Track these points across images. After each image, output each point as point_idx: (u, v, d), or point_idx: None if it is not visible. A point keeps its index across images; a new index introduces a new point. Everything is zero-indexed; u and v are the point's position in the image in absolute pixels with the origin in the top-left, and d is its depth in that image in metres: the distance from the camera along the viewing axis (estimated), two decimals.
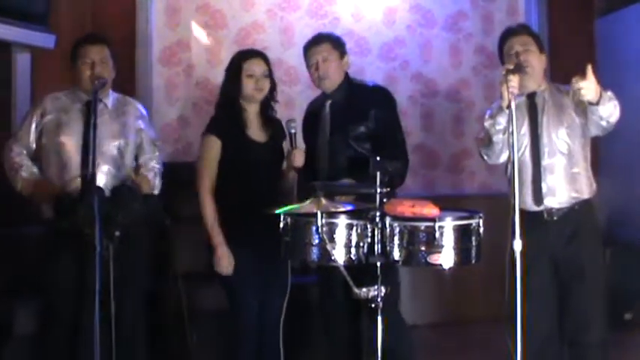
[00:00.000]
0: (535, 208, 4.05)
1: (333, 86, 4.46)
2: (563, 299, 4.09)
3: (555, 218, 4.05)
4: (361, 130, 4.32)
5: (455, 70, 7.26)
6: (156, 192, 4.39)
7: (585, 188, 4.10)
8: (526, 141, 4.07)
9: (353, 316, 4.24)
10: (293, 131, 4.21)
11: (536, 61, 4.09)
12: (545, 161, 4.06)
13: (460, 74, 7.23)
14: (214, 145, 4.25)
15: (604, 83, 3.81)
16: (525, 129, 4.09)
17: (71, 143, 4.14)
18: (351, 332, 4.33)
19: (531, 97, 4.12)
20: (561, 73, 4.18)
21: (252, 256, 4.16)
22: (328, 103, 4.46)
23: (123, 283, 3.91)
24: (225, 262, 4.17)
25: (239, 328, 4.20)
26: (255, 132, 4.32)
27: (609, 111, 3.82)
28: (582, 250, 4.03)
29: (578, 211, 4.06)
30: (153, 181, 4.36)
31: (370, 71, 7.04)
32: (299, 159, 4.19)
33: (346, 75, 4.52)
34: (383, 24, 7.12)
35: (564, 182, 4.06)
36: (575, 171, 4.07)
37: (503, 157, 4.16)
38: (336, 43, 4.52)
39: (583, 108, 3.97)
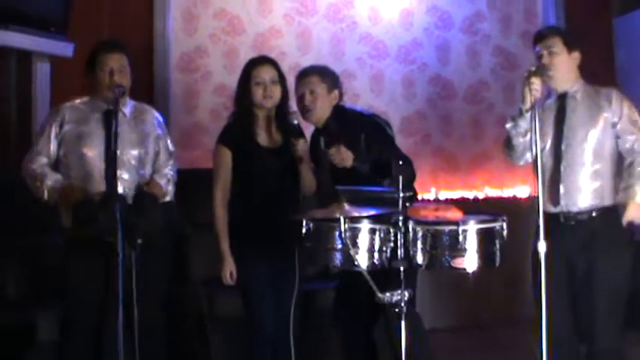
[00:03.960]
0: (552, 210, 3.99)
1: (320, 120, 4.38)
2: (576, 309, 4.04)
3: (573, 223, 3.98)
4: (357, 164, 4.17)
5: (473, 71, 7.24)
6: (168, 199, 4.35)
7: (608, 195, 4.02)
8: (549, 141, 4.04)
9: (369, 326, 4.23)
10: (295, 122, 4.21)
11: (562, 62, 4.05)
12: (568, 163, 4.00)
13: (479, 76, 7.21)
14: (224, 155, 4.25)
15: (623, 83, 3.79)
16: (550, 129, 4.06)
17: (94, 154, 4.11)
18: (366, 339, 4.32)
19: (562, 97, 4.08)
20: (581, 74, 4.13)
21: (264, 264, 4.15)
22: (322, 139, 4.39)
23: (144, 290, 3.90)
24: (226, 271, 4.18)
25: (255, 335, 4.18)
26: (266, 139, 4.29)
27: None
28: (598, 259, 3.93)
29: (598, 218, 3.98)
30: (165, 188, 4.33)
31: (388, 74, 7.04)
32: (302, 149, 4.17)
33: (336, 108, 4.41)
34: (400, 26, 7.12)
35: (586, 186, 3.99)
36: (599, 175, 4.00)
37: (526, 159, 4.14)
38: (325, 76, 4.44)
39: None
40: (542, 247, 3.38)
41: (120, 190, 3.99)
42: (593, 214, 3.98)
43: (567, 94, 4.08)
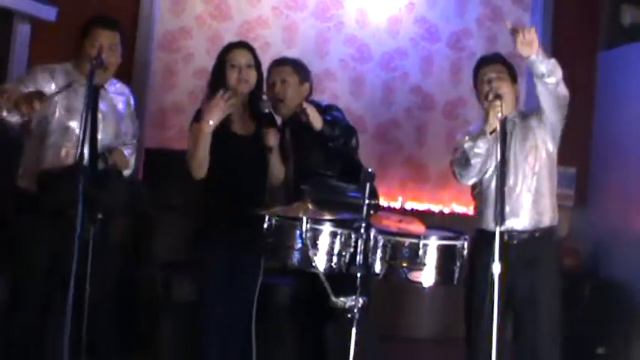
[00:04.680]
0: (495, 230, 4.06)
1: (289, 111, 4.33)
2: (515, 326, 4.15)
3: (515, 242, 4.07)
4: (319, 155, 4.23)
5: (454, 87, 7.24)
6: (129, 172, 4.31)
7: (548, 214, 4.16)
8: (494, 163, 4.10)
9: (322, 324, 4.24)
10: (267, 111, 4.20)
11: (508, 90, 4.15)
12: (510, 184, 4.11)
13: (459, 92, 7.20)
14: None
15: (601, 116, 3.85)
16: (494, 152, 4.11)
17: (78, 128, 3.96)
18: (318, 338, 4.32)
19: (503, 122, 4.13)
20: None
21: (227, 252, 4.12)
22: (287, 131, 4.38)
23: (98, 266, 3.83)
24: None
25: (204, 321, 4.17)
26: (240, 126, 4.25)
27: (549, 68, 3.89)
28: (539, 279, 4.08)
29: (539, 239, 4.12)
30: (129, 157, 4.30)
31: (370, 78, 7.04)
32: (272, 138, 4.15)
33: (305, 100, 4.34)
34: (386, 33, 7.11)
35: (527, 206, 4.11)
36: (539, 196, 4.13)
37: (476, 179, 4.21)
38: (298, 67, 4.43)
39: (543, 118, 4.11)
40: (496, 268, 3.41)
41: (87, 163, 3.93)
42: (536, 234, 4.12)
43: (507, 119, 4.16)
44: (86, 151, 3.92)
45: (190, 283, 4.41)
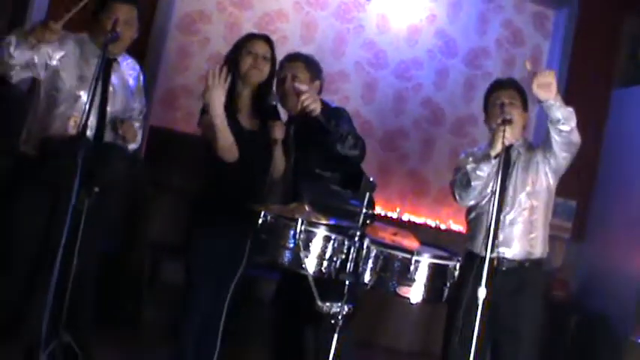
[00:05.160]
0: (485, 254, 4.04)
1: (295, 108, 4.17)
2: (494, 351, 4.15)
3: (504, 269, 4.08)
4: (321, 156, 4.17)
5: (466, 104, 7.23)
6: (135, 146, 4.29)
7: (540, 247, 4.17)
8: (498, 185, 4.09)
9: (302, 324, 4.23)
10: (274, 103, 4.17)
11: (519, 117, 4.13)
12: (507, 212, 4.11)
13: (470, 110, 7.18)
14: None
15: (608, 153, 3.84)
16: (494, 178, 4.10)
17: (84, 98, 3.99)
18: (296, 337, 4.31)
19: (507, 149, 4.12)
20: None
21: (224, 243, 4.10)
22: (292, 129, 4.32)
23: (86, 240, 3.84)
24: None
25: (187, 305, 4.15)
26: (246, 119, 4.22)
27: (565, 115, 3.85)
28: (522, 307, 4.09)
29: (528, 268, 4.12)
30: (138, 132, 4.28)
31: (382, 85, 7.02)
32: (278, 131, 4.12)
33: None
34: (405, 42, 7.10)
35: (521, 236, 4.11)
36: (534, 226, 4.13)
37: (474, 202, 4.20)
38: (310, 64, 4.37)
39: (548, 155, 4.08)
40: (482, 292, 3.39)
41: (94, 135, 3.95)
42: (526, 264, 4.12)
43: (512, 147, 4.16)
44: (93, 121, 3.93)
45: (179, 265, 4.38)
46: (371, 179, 3.40)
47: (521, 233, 4.10)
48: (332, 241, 3.35)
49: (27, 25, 5.24)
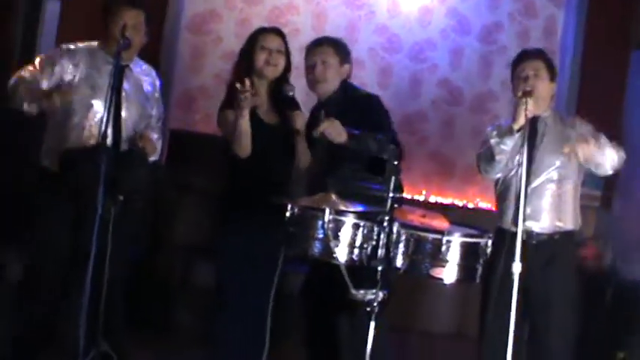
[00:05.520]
0: (514, 229, 4.00)
1: (327, 93, 4.28)
2: (529, 326, 4.11)
3: (534, 242, 4.03)
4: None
5: (483, 81, 7.18)
6: (155, 157, 4.27)
7: (570, 219, 4.13)
8: (518, 162, 4.05)
9: (334, 315, 4.21)
10: (291, 94, 4.12)
11: (544, 88, 4.10)
12: (534, 185, 4.06)
13: (488, 86, 7.14)
14: (231, 115, 4.07)
15: (631, 116, 3.80)
16: (522, 150, 4.05)
17: (100, 107, 4.00)
18: (329, 329, 4.30)
19: (533, 121, 4.08)
20: (590, 99, 4.13)
21: (250, 240, 4.08)
22: (322, 112, 4.21)
23: (115, 248, 3.84)
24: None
25: (220, 306, 4.14)
26: (265, 113, 4.19)
27: (610, 158, 3.96)
28: (554, 281, 4.04)
29: (558, 241, 4.08)
30: (157, 143, 4.26)
31: (398, 69, 6.98)
32: (299, 121, 4.08)
33: (343, 83, 4.34)
34: (417, 23, 7.05)
35: (549, 209, 4.07)
36: (563, 200, 4.09)
37: (499, 176, 4.18)
38: (339, 48, 4.36)
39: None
40: (516, 267, 3.41)
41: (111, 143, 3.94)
42: (555, 236, 4.07)
43: (539, 118, 4.13)
44: (110, 130, 3.92)
45: (210, 267, 4.38)
46: (395, 163, 3.38)
47: (550, 206, 4.06)
48: (361, 228, 3.34)
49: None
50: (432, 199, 6.88)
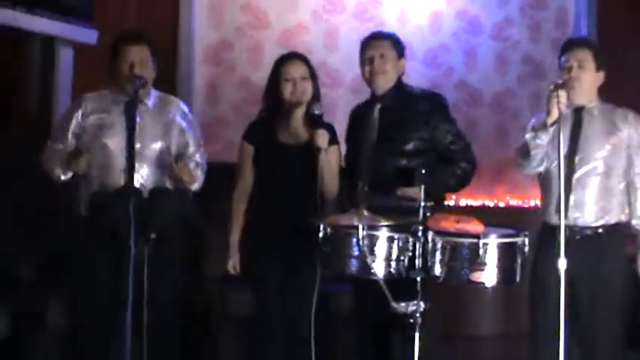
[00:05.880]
0: (558, 222, 3.94)
1: (386, 86, 4.28)
2: (577, 322, 3.98)
3: (578, 237, 3.93)
4: (411, 146, 4.17)
5: (500, 79, 7.15)
6: (196, 186, 4.28)
7: (615, 212, 3.99)
8: (563, 153, 3.98)
9: (386, 332, 4.16)
10: (317, 112, 4.14)
11: (588, 78, 4.00)
12: (578, 175, 3.97)
13: (506, 83, 7.12)
14: (247, 151, 4.26)
15: None
16: (565, 141, 3.99)
17: (115, 145, 4.06)
18: (383, 347, 4.25)
19: (578, 111, 4.03)
20: (605, 88, 4.07)
21: (280, 263, 4.09)
22: (377, 107, 4.29)
23: (157, 283, 3.87)
24: (230, 264, 4.28)
25: (260, 334, 4.17)
26: (290, 135, 4.23)
27: None
28: (601, 277, 3.92)
29: (603, 234, 3.96)
30: (195, 172, 4.24)
31: (414, 77, 6.90)
32: (321, 140, 4.08)
33: (399, 80, 4.36)
34: (428, 29, 7.03)
35: (594, 200, 3.96)
36: (608, 192, 3.97)
37: (539, 169, 4.09)
38: (396, 42, 4.37)
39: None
40: (562, 264, 3.31)
41: (139, 182, 3.97)
42: (599, 230, 3.95)
43: (584, 109, 4.04)
44: (123, 162, 3.98)
45: (248, 295, 4.37)
46: (423, 171, 3.36)
47: (596, 198, 3.95)
48: (396, 241, 3.32)
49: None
50: (462, 202, 6.83)
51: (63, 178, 4.10)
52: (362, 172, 4.17)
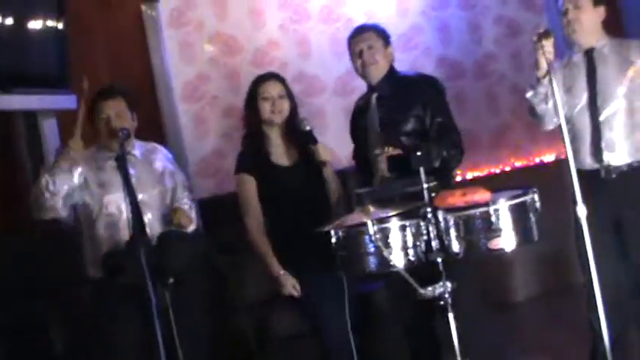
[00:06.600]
0: (594, 166, 3.94)
1: (379, 75, 4.34)
2: (630, 260, 3.97)
3: (614, 176, 3.91)
4: (410, 125, 4.23)
5: (477, 46, 7.13)
6: (193, 227, 4.30)
7: None
8: (584, 97, 3.95)
9: (429, 318, 4.14)
10: (308, 128, 4.19)
11: (588, 17, 3.94)
12: (604, 117, 3.93)
13: (483, 49, 7.10)
14: (248, 183, 4.28)
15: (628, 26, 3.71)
16: (583, 85, 3.98)
17: (115, 201, 4.08)
18: (428, 334, 4.25)
19: (589, 52, 4.01)
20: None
21: (315, 278, 4.09)
22: (374, 96, 4.35)
23: (186, 330, 3.88)
24: (289, 287, 4.19)
25: (329, 350, 4.16)
26: (281, 157, 4.28)
27: None
28: None
29: (639, 169, 3.92)
30: (189, 213, 4.27)
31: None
32: (323, 153, 4.16)
33: (391, 67, 4.40)
34: (397, 15, 6.99)
35: (623, 138, 3.92)
36: (636, 127, 3.93)
37: (555, 122, 3.95)
38: (380, 32, 4.42)
39: None
40: (581, 210, 3.29)
41: (147, 230, 3.99)
42: (635, 165, 3.91)
43: (594, 49, 4.00)
44: (129, 214, 3.92)
45: (285, 317, 4.38)
46: (418, 153, 3.36)
47: (624, 135, 3.91)
48: (408, 228, 3.33)
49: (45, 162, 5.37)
50: (469, 175, 6.81)
51: (57, 195, 4.00)
52: (374, 161, 4.22)
